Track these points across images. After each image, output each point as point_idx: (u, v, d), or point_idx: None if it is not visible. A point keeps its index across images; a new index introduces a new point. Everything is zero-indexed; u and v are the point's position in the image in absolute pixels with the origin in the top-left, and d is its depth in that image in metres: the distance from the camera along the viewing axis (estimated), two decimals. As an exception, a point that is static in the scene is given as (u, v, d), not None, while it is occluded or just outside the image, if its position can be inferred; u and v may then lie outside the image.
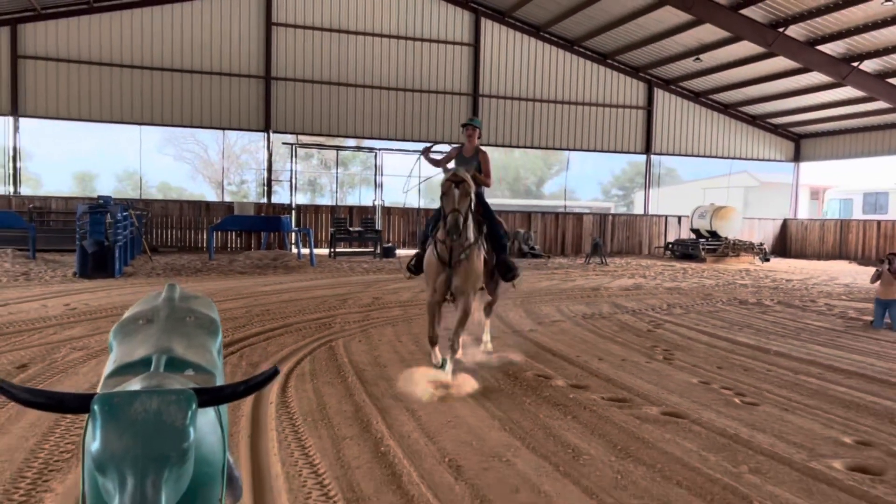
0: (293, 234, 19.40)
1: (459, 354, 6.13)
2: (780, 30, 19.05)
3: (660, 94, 25.38)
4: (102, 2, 19.80)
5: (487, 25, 23.27)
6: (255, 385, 1.81)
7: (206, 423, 1.85)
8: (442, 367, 5.77)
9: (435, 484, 3.61)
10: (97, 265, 12.64)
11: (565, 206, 25.64)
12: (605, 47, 23.79)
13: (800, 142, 27.22)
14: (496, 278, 6.53)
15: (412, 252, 9.08)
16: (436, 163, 6.76)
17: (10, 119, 19.53)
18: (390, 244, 20.60)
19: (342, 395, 5.29)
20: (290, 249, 19.46)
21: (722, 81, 23.93)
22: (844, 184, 29.09)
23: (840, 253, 24.57)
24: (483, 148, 6.58)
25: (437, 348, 5.95)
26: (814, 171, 28.75)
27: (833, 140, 26.05)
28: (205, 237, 19.65)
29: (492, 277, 6.47)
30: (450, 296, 5.94)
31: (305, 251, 17.45)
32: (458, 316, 5.88)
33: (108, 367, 2.17)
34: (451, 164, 6.47)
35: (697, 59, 22.24)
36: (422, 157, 6.81)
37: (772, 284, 15.11)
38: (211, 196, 22.61)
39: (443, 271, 5.79)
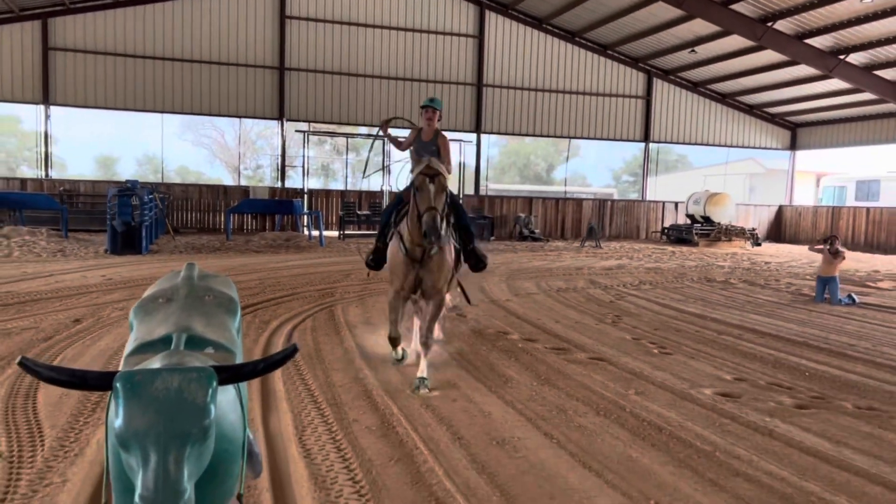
0: (305, 216, 20.72)
1: (435, 350, 5.78)
2: (769, 24, 19.93)
3: (659, 84, 26.30)
4: (127, -3, 21.14)
5: (491, 18, 24.30)
6: (274, 363, 1.84)
7: (226, 401, 1.88)
8: (401, 360, 5.65)
9: (395, 396, 4.87)
10: (126, 243, 14.02)
11: (565, 192, 26.72)
12: (605, 39, 24.73)
13: (796, 130, 28.05)
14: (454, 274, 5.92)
15: None
16: (397, 143, 6.23)
17: (42, 107, 20.94)
18: (396, 227, 21.79)
19: (335, 344, 6.56)
20: (302, 231, 20.72)
21: (719, 72, 24.79)
22: (839, 172, 29.86)
23: (831, 238, 25.43)
24: (444, 132, 5.99)
25: (399, 347, 5.71)
26: (815, 159, 29.51)
27: (828, 129, 26.88)
28: (222, 219, 20.97)
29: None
30: (418, 294, 5.53)
31: (316, 233, 18.73)
32: (430, 312, 5.49)
33: (129, 345, 2.20)
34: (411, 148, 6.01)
35: (693, 51, 23.14)
36: (381, 134, 6.31)
37: (748, 266, 16.18)
38: (228, 180, 23.92)
39: (411, 269, 5.33)
